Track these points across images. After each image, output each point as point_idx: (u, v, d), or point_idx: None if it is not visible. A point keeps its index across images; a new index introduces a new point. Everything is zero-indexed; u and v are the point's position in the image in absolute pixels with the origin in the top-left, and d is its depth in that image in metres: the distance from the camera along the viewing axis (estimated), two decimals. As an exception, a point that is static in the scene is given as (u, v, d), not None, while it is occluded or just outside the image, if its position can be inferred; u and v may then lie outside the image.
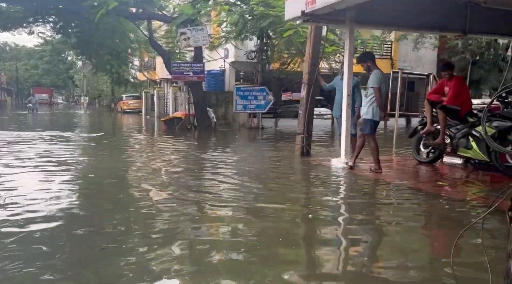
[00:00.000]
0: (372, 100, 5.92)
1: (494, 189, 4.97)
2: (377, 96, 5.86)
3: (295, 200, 4.62)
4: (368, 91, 5.97)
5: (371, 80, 5.89)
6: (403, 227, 3.63)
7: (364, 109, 5.99)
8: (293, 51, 14.23)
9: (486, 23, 7.74)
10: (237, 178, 5.79)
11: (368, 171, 6.04)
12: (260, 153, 9.12)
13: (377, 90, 5.86)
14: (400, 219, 3.86)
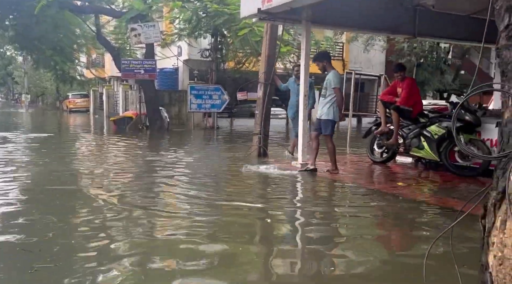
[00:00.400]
0: (333, 101, 5.88)
1: (447, 188, 5.11)
2: (339, 97, 5.85)
3: (251, 203, 4.44)
4: (327, 91, 5.93)
5: (332, 80, 5.86)
6: (361, 229, 3.58)
7: (324, 110, 5.95)
8: (248, 50, 14.10)
9: (434, 26, 8.03)
10: (190, 181, 5.53)
11: (325, 172, 6.02)
12: (215, 153, 8.89)
13: (338, 91, 5.85)
14: (358, 221, 3.81)
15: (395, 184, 5.37)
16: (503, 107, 1.77)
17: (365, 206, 4.42)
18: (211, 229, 3.44)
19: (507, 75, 1.73)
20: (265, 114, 7.60)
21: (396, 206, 4.33)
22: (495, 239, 1.54)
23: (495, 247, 1.52)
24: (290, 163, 6.86)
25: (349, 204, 4.50)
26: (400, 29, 7.80)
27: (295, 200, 4.70)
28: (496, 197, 1.58)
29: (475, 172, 5.73)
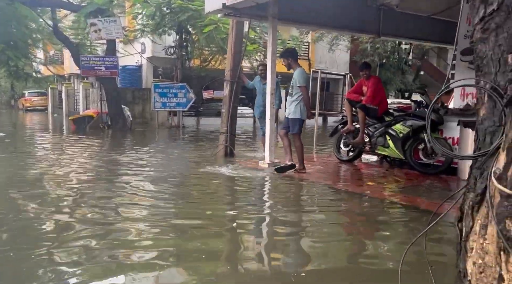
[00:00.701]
0: (300, 99, 5.79)
1: (413, 187, 5.14)
2: (305, 95, 5.76)
3: (217, 206, 4.27)
4: (293, 90, 5.83)
5: (298, 78, 5.76)
6: (330, 230, 3.48)
7: (292, 109, 5.85)
8: (214, 47, 13.84)
9: (397, 26, 8.15)
10: (152, 183, 5.25)
11: (293, 171, 5.92)
12: (181, 153, 8.59)
13: (305, 89, 5.76)
14: (326, 221, 3.72)
15: (363, 183, 5.35)
16: (479, 104, 1.69)
17: (334, 206, 4.34)
18: (174, 243, 3.22)
19: (482, 70, 1.65)
20: (232, 113, 7.41)
21: (365, 206, 4.29)
22: (474, 244, 1.45)
23: (475, 253, 1.43)
24: (257, 162, 6.72)
25: (318, 205, 4.41)
26: (365, 28, 7.85)
27: (261, 202, 4.56)
28: (474, 199, 1.49)
29: (438, 169, 5.82)
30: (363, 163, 7.17)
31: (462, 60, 7.45)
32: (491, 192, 1.34)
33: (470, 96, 7.39)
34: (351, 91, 6.93)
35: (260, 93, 7.28)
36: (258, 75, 7.39)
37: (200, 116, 18.90)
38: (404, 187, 5.14)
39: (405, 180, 5.62)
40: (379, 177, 5.98)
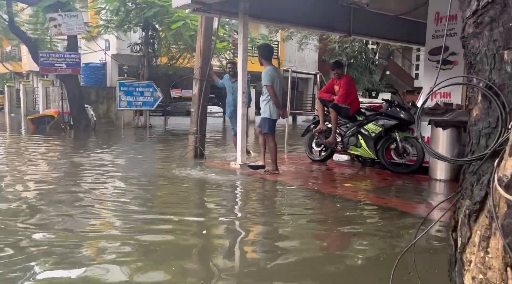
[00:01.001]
0: (269, 99, 5.66)
1: (388, 188, 5.10)
2: (271, 94, 5.62)
3: (186, 211, 4.03)
4: (263, 89, 5.68)
5: (262, 78, 5.63)
6: (305, 234, 3.34)
7: (262, 108, 5.71)
8: (182, 45, 13.48)
9: (367, 25, 8.19)
10: (115, 187, 4.94)
11: (265, 173, 5.76)
12: (147, 155, 8.25)
13: (270, 88, 5.62)
14: (304, 227, 3.58)
15: (338, 184, 5.27)
16: (471, 104, 1.57)
17: (309, 209, 4.21)
18: (139, 252, 2.97)
19: (475, 67, 1.54)
20: (202, 112, 7.16)
21: (342, 209, 4.17)
22: (472, 257, 1.32)
23: (474, 266, 1.30)
24: (228, 163, 6.52)
25: (293, 209, 4.26)
26: (336, 27, 7.82)
27: (233, 207, 4.36)
28: (471, 207, 1.37)
29: (410, 168, 5.83)
30: (335, 162, 7.11)
31: (430, 60, 7.56)
32: (495, 201, 1.22)
33: (438, 95, 7.52)
34: (323, 91, 6.86)
35: (230, 92, 7.08)
36: (227, 74, 7.18)
37: (168, 116, 18.44)
38: (379, 187, 5.09)
39: (378, 180, 5.58)
40: (353, 177, 5.93)
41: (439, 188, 5.08)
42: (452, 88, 7.21)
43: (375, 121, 6.17)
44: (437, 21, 7.37)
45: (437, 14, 7.36)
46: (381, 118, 6.11)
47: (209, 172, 6.06)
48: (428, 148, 1.77)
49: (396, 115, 5.93)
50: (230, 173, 5.98)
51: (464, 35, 1.60)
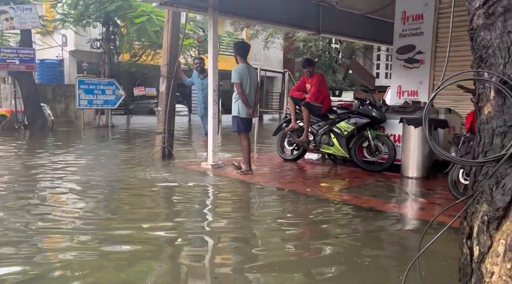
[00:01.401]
0: (237, 97, 5.50)
1: (362, 187, 5.05)
2: (239, 92, 5.45)
3: (154, 220, 3.71)
4: (232, 87, 5.50)
5: (232, 76, 5.45)
6: (285, 238, 3.19)
7: (232, 106, 5.54)
8: (146, 41, 12.97)
9: (336, 24, 8.18)
10: (74, 193, 4.55)
11: (238, 173, 5.57)
12: (111, 156, 7.81)
13: (238, 86, 5.44)
14: (282, 232, 3.43)
15: (314, 184, 5.14)
16: (482, 100, 1.47)
17: (288, 211, 4.06)
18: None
19: (487, 61, 1.43)
20: (169, 111, 6.86)
21: (321, 210, 4.06)
22: (494, 268, 1.21)
23: (497, 278, 1.19)
24: (199, 164, 6.27)
25: (269, 211, 4.10)
26: (305, 24, 7.75)
27: (205, 212, 4.13)
28: (492, 214, 1.26)
29: (382, 166, 5.83)
30: (307, 161, 7.03)
31: (398, 59, 7.66)
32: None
33: (406, 93, 7.63)
34: (294, 89, 6.75)
35: (199, 89, 6.82)
36: (195, 70, 6.92)
37: (131, 115, 17.82)
38: (354, 186, 5.02)
39: (353, 178, 5.52)
40: (327, 176, 5.85)
41: (413, 186, 5.09)
42: (419, 87, 7.35)
43: (347, 119, 6.14)
44: (404, 20, 7.47)
45: (404, 13, 7.46)
46: (353, 117, 6.08)
47: (179, 173, 5.79)
48: (438, 149, 1.65)
49: (368, 113, 5.92)
50: (201, 174, 5.74)
51: (473, 27, 1.49)
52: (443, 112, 6.14)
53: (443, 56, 7.01)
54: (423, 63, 7.25)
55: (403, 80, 7.55)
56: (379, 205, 4.14)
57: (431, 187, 4.93)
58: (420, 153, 5.38)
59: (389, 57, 41.06)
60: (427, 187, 4.97)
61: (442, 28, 7.00)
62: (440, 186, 4.93)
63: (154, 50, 14.72)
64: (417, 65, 7.34)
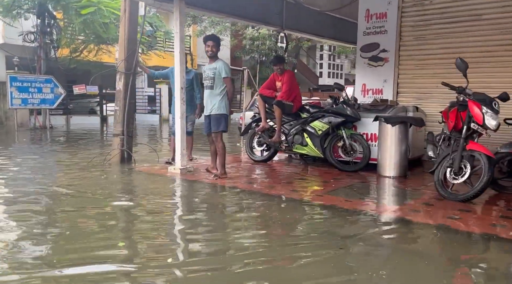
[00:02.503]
0: (224, 93, 5.12)
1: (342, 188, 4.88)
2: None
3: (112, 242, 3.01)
4: (215, 82, 5.08)
5: (224, 69, 5.05)
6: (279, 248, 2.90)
7: (215, 104, 5.10)
8: (91, 35, 11.91)
9: (300, 21, 8.03)
10: (8, 206, 3.89)
11: (213, 177, 5.16)
12: (56, 162, 6.96)
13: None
14: (273, 239, 3.13)
15: (295, 186, 4.89)
16: None
17: (272, 217, 3.75)
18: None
19: None
20: (128, 110, 6.24)
21: (306, 214, 3.80)
22: None
23: None
24: (165, 168, 5.77)
25: (251, 219, 3.77)
26: (269, 20, 7.51)
27: (177, 228, 3.69)
28: None
29: (358, 166, 5.74)
30: (277, 162, 6.77)
31: (362, 57, 7.68)
32: None
33: (371, 92, 7.67)
34: (264, 87, 6.46)
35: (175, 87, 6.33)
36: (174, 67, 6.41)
37: (71, 115, 16.51)
38: (335, 188, 4.84)
39: (330, 179, 5.34)
40: (304, 177, 5.60)
41: (393, 185, 5.03)
42: (384, 85, 7.42)
43: (321, 118, 5.98)
44: (368, 18, 7.49)
45: (367, 11, 7.48)
46: (327, 116, 5.93)
47: (143, 179, 5.26)
48: None
49: (343, 112, 5.80)
50: (169, 179, 5.26)
51: None
52: (411, 110, 6.21)
53: (407, 54, 7.13)
54: (387, 62, 7.32)
55: (367, 78, 7.58)
56: (382, 209, 3.95)
57: (414, 186, 4.89)
58: (397, 151, 5.35)
59: (331, 57, 42.56)
60: (409, 186, 4.91)
61: (406, 27, 7.11)
62: (421, 185, 4.92)
63: (98, 45, 13.65)
64: (381, 63, 7.40)
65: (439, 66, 6.76)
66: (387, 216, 3.68)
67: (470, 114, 4.09)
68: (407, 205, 4.06)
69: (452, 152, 4.14)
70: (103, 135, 12.63)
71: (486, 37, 6.27)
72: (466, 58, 6.61)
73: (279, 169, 6.18)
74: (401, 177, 5.36)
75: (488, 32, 6.24)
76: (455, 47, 6.59)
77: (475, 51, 6.42)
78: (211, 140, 5.41)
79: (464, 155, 4.04)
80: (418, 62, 7.01)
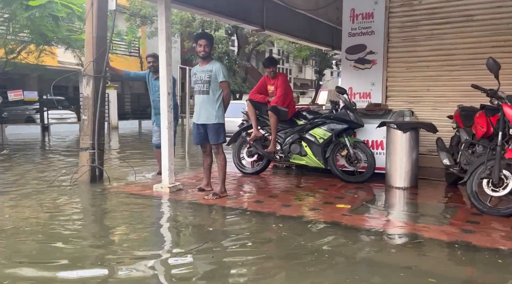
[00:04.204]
0: (221, 99, 4.43)
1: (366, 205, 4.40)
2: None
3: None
4: (210, 86, 4.37)
5: (220, 72, 4.37)
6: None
7: (212, 112, 4.40)
8: (29, 35, 10.40)
9: (280, 21, 7.57)
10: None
11: (212, 197, 4.43)
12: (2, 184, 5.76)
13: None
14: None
15: (313, 204, 4.30)
16: None
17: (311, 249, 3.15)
18: None
19: None
20: (99, 120, 5.30)
21: (348, 240, 3.25)
22: None
23: None
24: (148, 187, 4.93)
25: (310, 256, 3.14)
26: (251, 19, 6.97)
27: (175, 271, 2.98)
28: None
29: (364, 177, 5.31)
30: (263, 174, 6.11)
31: (347, 59, 7.31)
32: None
33: (358, 96, 7.33)
34: (254, 91, 5.85)
35: (154, 91, 5.56)
36: (148, 69, 5.59)
37: (5, 124, 14.71)
38: (354, 204, 4.33)
39: (344, 192, 4.80)
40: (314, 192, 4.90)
41: (412, 198, 4.60)
42: (372, 88, 7.10)
43: (322, 125, 5.47)
44: (353, 18, 7.15)
45: (352, 11, 7.14)
46: (328, 122, 5.44)
47: (123, 203, 4.37)
48: None
49: (346, 118, 5.35)
50: (158, 202, 4.44)
51: None
52: (408, 114, 5.93)
53: (395, 56, 6.87)
54: (375, 64, 7.01)
55: (354, 81, 7.21)
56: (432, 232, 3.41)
57: (436, 199, 4.52)
58: (408, 160, 4.99)
59: (280, 61, 42.74)
60: (431, 199, 4.53)
61: (394, 28, 6.86)
62: (442, 198, 4.57)
63: (38, 46, 12.11)
64: (368, 66, 7.07)
65: (430, 69, 6.57)
66: (444, 241, 3.13)
67: (506, 119, 3.78)
68: (452, 225, 3.56)
69: (487, 161, 3.81)
70: (50, 147, 11.19)
71: (479, 38, 6.15)
72: (457, 60, 6.63)
73: (277, 182, 5.56)
74: (412, 187, 4.99)
75: (481, 33, 6.13)
76: (446, 49, 6.42)
77: (466, 53, 6.28)
78: (207, 153, 4.69)
79: (502, 164, 3.72)
80: (408, 65, 6.77)
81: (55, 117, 17.01)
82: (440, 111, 6.59)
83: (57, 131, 15.84)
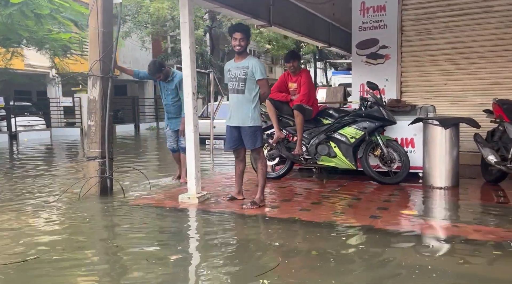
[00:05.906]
0: (257, 99, 3.97)
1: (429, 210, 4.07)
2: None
3: None
4: (246, 85, 3.92)
5: (257, 69, 3.91)
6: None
7: (248, 113, 3.95)
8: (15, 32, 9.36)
9: (286, 17, 7.19)
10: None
11: (251, 206, 3.96)
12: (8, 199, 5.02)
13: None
14: None
15: (371, 211, 3.90)
16: None
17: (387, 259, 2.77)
18: None
19: None
20: (108, 125, 4.68)
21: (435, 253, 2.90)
22: None
23: None
24: (173, 199, 4.39)
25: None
26: (259, 14, 6.51)
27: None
28: None
29: (400, 177, 5.00)
30: (287, 177, 5.71)
31: (358, 54, 7.04)
32: None
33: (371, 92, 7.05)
34: (275, 90, 5.40)
35: (166, 95, 5.07)
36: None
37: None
38: (414, 208, 3.99)
39: (387, 195, 4.45)
40: (358, 195, 4.48)
41: (464, 199, 4.30)
42: (386, 84, 6.84)
43: (352, 124, 5.12)
44: (363, 12, 6.88)
45: (362, 4, 6.88)
46: (360, 120, 5.09)
47: (153, 219, 3.82)
48: None
49: (380, 115, 5.02)
50: (190, 215, 3.92)
51: None
52: (431, 110, 5.67)
53: (410, 50, 6.65)
54: (388, 59, 6.77)
55: (366, 77, 6.91)
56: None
57: (486, 199, 4.28)
58: (450, 157, 4.71)
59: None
60: (481, 199, 4.31)
61: (408, 21, 6.63)
62: (492, 196, 4.34)
63: (7, 48, 11.04)
64: (381, 61, 6.83)
65: (448, 62, 6.40)
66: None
67: None
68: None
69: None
70: (20, 156, 10.23)
71: (498, 30, 6.03)
72: (476, 53, 6.45)
73: (308, 187, 5.17)
74: (454, 187, 4.72)
75: (500, 25, 6.00)
76: (464, 42, 6.27)
77: (485, 45, 6.15)
78: (240, 158, 4.22)
79: None
80: (424, 59, 6.57)
81: (23, 125, 15.88)
82: (459, 106, 6.43)
83: (24, 140, 14.75)
